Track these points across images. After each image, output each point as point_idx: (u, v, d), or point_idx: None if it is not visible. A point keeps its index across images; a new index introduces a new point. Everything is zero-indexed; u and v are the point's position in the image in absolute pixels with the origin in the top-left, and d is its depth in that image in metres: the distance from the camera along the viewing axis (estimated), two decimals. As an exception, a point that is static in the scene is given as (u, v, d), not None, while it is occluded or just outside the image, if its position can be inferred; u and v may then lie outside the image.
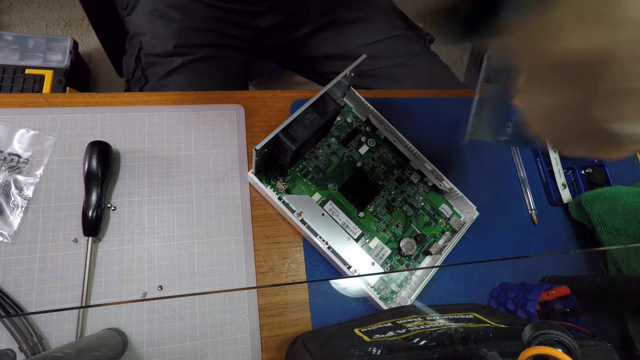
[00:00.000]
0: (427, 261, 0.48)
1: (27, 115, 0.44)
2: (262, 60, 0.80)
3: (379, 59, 0.68)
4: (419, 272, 0.46)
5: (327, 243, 0.45)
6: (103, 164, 0.42)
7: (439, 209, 0.51)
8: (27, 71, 0.96)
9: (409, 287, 0.45)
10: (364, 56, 0.42)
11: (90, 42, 1.28)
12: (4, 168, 0.42)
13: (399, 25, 0.71)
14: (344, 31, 0.68)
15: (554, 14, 0.20)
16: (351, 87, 0.49)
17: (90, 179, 0.41)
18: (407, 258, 0.48)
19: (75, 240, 0.41)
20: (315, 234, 0.45)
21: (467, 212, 0.50)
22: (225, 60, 0.67)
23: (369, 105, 0.50)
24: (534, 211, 0.54)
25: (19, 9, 1.28)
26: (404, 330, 0.34)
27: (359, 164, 0.50)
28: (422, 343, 0.31)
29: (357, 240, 0.47)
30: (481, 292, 0.48)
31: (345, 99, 0.52)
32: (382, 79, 0.69)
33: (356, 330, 0.37)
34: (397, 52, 0.69)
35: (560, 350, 0.21)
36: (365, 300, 0.45)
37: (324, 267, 0.46)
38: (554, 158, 0.55)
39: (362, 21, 0.69)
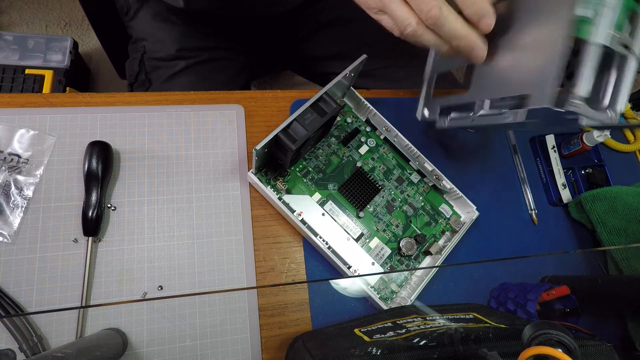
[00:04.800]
0: (427, 261, 0.48)
1: (27, 115, 0.44)
2: (262, 61, 0.80)
3: (378, 58, 0.68)
4: (419, 272, 0.46)
5: (327, 243, 0.45)
6: (103, 164, 0.42)
7: (439, 209, 0.51)
8: (27, 71, 0.96)
9: (409, 287, 0.45)
10: (364, 56, 0.42)
11: (90, 42, 1.28)
12: (4, 168, 0.42)
13: None
14: (343, 31, 0.68)
15: None
16: (351, 87, 0.49)
17: (90, 179, 0.41)
18: (407, 258, 0.48)
19: (75, 240, 0.41)
20: (315, 234, 0.45)
21: (467, 212, 0.50)
22: (228, 62, 0.67)
23: (369, 105, 0.50)
24: (534, 211, 0.54)
25: (19, 9, 1.28)
26: (404, 330, 0.34)
27: (359, 164, 0.50)
28: (422, 343, 0.31)
29: (357, 240, 0.47)
30: (481, 292, 0.48)
31: (345, 99, 0.52)
32: (382, 79, 0.69)
33: (356, 330, 0.37)
34: (396, 52, 0.69)
35: (560, 350, 0.21)
36: (365, 300, 0.45)
37: (324, 267, 0.46)
38: (554, 158, 0.55)
39: (361, 21, 0.69)
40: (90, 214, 0.41)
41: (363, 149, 0.51)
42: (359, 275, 0.45)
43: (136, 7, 0.63)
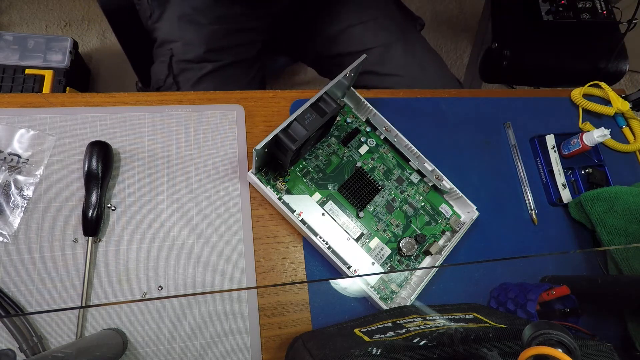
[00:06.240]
0: (427, 261, 0.48)
1: (27, 115, 0.44)
2: (274, 57, 0.80)
3: (369, 39, 0.69)
4: (419, 272, 0.46)
5: (327, 243, 0.45)
6: (103, 164, 0.42)
7: (439, 209, 0.51)
8: (27, 71, 0.96)
9: (409, 287, 0.45)
10: (364, 56, 0.42)
11: (90, 42, 1.28)
12: (4, 168, 0.42)
13: (390, 6, 0.72)
14: (335, 11, 0.69)
15: None
16: (351, 87, 0.49)
17: (90, 179, 0.41)
18: (407, 258, 0.48)
19: (75, 240, 0.41)
20: (315, 234, 0.45)
21: (467, 212, 0.50)
22: (249, 62, 0.68)
23: (369, 105, 0.50)
24: (534, 211, 0.54)
25: (19, 9, 1.28)
26: (404, 330, 0.34)
27: (359, 164, 0.50)
28: (422, 343, 0.31)
29: (357, 240, 0.47)
30: (481, 292, 0.48)
31: (345, 99, 0.52)
32: (369, 62, 0.69)
33: (356, 330, 0.37)
34: (389, 32, 0.69)
35: (560, 350, 0.21)
36: (365, 300, 0.45)
37: (324, 267, 0.46)
38: (554, 158, 0.55)
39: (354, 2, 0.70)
40: (90, 214, 0.41)
41: (363, 149, 0.51)
42: (359, 275, 0.45)
43: (160, 10, 0.63)
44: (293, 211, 0.46)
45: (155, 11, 0.63)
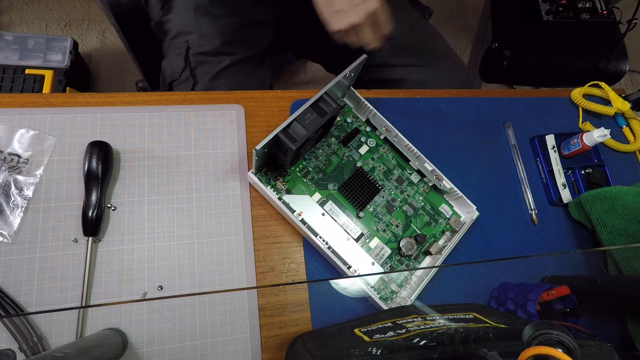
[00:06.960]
0: (427, 261, 0.48)
1: (27, 115, 0.44)
2: (282, 53, 0.79)
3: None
4: (419, 272, 0.46)
5: (327, 243, 0.45)
6: (103, 164, 0.42)
7: (439, 209, 0.51)
8: (27, 71, 0.96)
9: (409, 287, 0.45)
10: (364, 56, 0.42)
11: (90, 42, 1.28)
12: (4, 168, 0.42)
13: None
14: None
15: None
16: (351, 87, 0.49)
17: (90, 179, 0.41)
18: (407, 258, 0.48)
19: (75, 240, 0.41)
20: (315, 234, 0.45)
21: (467, 212, 0.50)
22: (260, 58, 0.67)
23: (369, 105, 0.50)
24: (534, 211, 0.54)
25: (19, 9, 1.28)
26: (404, 330, 0.34)
27: (359, 164, 0.50)
28: (422, 343, 0.31)
29: (357, 240, 0.47)
30: (481, 292, 0.48)
31: (345, 99, 0.52)
32: (382, 55, 0.69)
33: (356, 330, 0.37)
34: (400, 23, 0.69)
35: (560, 350, 0.21)
36: (365, 300, 0.45)
37: (324, 267, 0.46)
38: (554, 158, 0.55)
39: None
40: (90, 214, 0.41)
41: (363, 149, 0.51)
42: (359, 275, 0.45)
43: (172, 2, 0.62)
44: (293, 211, 0.46)
45: (166, 3, 0.63)
